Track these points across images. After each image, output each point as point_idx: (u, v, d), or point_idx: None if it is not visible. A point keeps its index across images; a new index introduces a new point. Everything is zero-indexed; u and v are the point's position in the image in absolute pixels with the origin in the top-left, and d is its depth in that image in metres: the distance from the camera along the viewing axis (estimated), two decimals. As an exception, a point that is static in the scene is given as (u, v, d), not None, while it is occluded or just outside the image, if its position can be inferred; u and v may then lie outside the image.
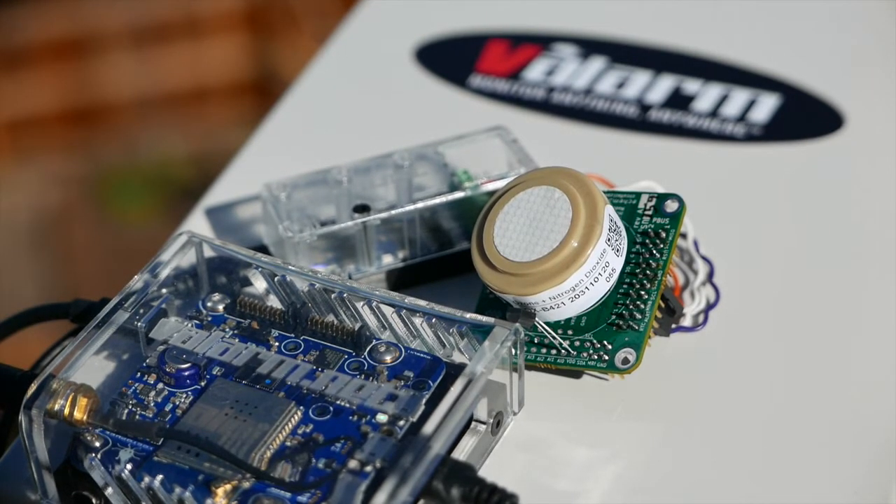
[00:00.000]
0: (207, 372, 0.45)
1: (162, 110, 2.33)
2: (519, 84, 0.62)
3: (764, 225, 0.54)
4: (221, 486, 0.41)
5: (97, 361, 0.45)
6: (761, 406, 0.47)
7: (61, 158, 2.29)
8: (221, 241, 0.49)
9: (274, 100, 0.63)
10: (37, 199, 2.20)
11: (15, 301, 0.56)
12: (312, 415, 0.43)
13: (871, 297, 0.51)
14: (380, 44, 0.65)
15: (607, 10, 0.66)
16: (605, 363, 0.46)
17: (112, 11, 2.30)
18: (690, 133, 0.59)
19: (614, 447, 0.46)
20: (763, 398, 0.47)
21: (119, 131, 2.34)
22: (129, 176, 2.26)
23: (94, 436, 0.43)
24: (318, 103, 0.62)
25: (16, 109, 2.27)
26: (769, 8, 0.67)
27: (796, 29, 0.65)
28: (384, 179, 0.52)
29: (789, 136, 0.58)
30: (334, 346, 0.45)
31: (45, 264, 2.12)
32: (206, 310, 0.47)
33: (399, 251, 0.51)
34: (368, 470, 0.41)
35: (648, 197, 0.49)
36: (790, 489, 0.44)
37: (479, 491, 0.41)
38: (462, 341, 0.45)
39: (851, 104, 0.60)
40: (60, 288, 1.97)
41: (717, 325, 0.49)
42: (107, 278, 1.97)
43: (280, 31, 2.39)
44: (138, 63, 2.35)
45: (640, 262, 0.47)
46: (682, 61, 0.63)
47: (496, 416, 0.45)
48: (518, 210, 0.47)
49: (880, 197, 0.55)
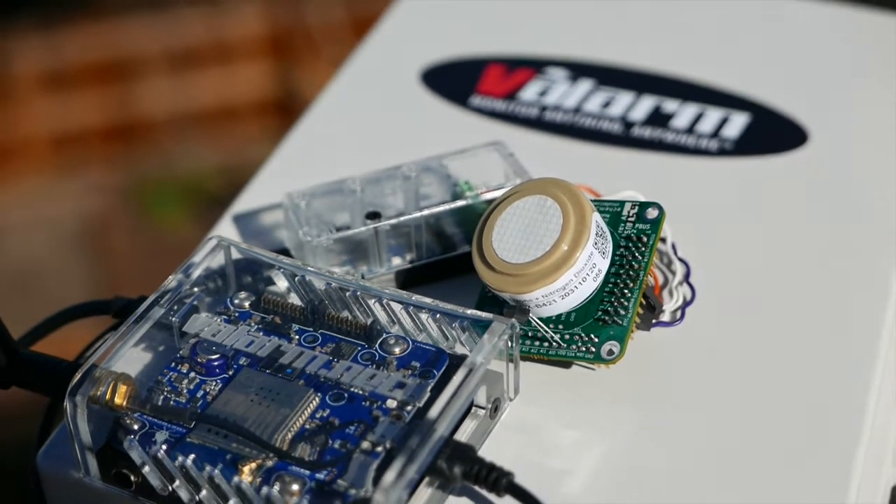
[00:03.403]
0: (234, 362, 0.45)
1: (194, 127, 2.33)
2: (515, 104, 0.62)
3: (735, 231, 0.54)
4: (247, 464, 0.41)
5: (135, 353, 0.45)
6: (732, 393, 0.47)
7: (103, 170, 2.28)
8: (247, 244, 0.49)
9: (295, 118, 0.63)
10: (81, 206, 2.20)
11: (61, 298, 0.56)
12: (329, 401, 0.43)
13: (830, 294, 0.51)
14: (389, 67, 0.65)
15: (594, 38, 0.66)
16: (592, 355, 0.46)
17: (149, 36, 2.30)
18: (669, 148, 0.59)
19: (600, 430, 0.46)
20: (733, 386, 0.47)
21: (155, 145, 2.34)
22: (164, 186, 2.26)
23: (133, 420, 0.43)
24: (334, 121, 0.62)
25: (62, 125, 2.27)
26: (740, 35, 0.67)
27: (765, 54, 0.65)
28: (394, 189, 0.52)
29: (758, 150, 0.58)
30: (349, 339, 0.46)
31: (89, 265, 2.12)
32: (233, 306, 0.47)
33: (407, 254, 0.52)
34: (379, 450, 0.41)
35: (631, 205, 0.49)
36: (757, 466, 0.44)
37: (479, 469, 0.41)
38: (463, 335, 0.45)
39: (815, 122, 0.60)
40: (102, 287, 1.97)
41: (693, 320, 0.49)
42: (144, 278, 1.96)
43: (301, 56, 2.38)
44: (173, 83, 2.35)
45: (624, 264, 0.47)
46: (661, 83, 0.63)
47: (494, 402, 0.45)
48: (514, 217, 0.47)
49: (840, 206, 0.55)
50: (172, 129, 2.34)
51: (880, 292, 0.51)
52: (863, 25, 0.67)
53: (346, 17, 2.37)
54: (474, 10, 0.70)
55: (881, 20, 0.67)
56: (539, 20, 0.68)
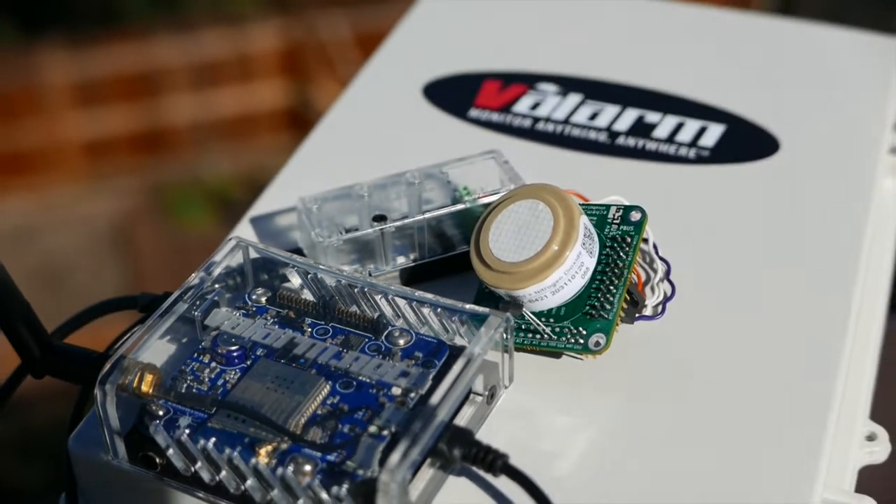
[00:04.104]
0: (252, 353, 0.45)
1: (215, 137, 2.33)
2: (509, 116, 0.62)
3: (712, 232, 0.54)
4: (264, 447, 0.41)
5: (161, 344, 0.45)
6: (709, 380, 0.47)
7: (131, 176, 2.28)
8: (264, 244, 0.49)
9: (308, 128, 0.63)
10: (111, 210, 2.20)
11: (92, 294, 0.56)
12: (339, 388, 0.43)
13: (798, 289, 0.51)
14: (394, 82, 0.65)
15: (582, 56, 0.66)
16: (580, 346, 0.46)
17: (174, 53, 2.30)
18: (651, 156, 0.59)
19: (587, 415, 0.45)
20: (710, 374, 0.47)
21: (179, 154, 2.34)
22: (187, 191, 2.26)
23: (158, 406, 0.43)
24: (344, 131, 0.62)
25: (93, 135, 2.27)
26: (717, 53, 0.67)
27: (739, 70, 0.65)
28: (398, 194, 0.52)
29: (733, 158, 0.58)
30: (357, 331, 0.45)
31: (118, 264, 2.12)
32: (251, 302, 0.47)
33: (410, 253, 0.51)
34: (385, 434, 0.41)
35: (616, 208, 0.49)
36: (732, 448, 0.44)
37: (477, 451, 0.41)
38: (462, 328, 0.45)
39: (785, 132, 0.60)
40: (130, 283, 1.97)
41: (673, 314, 0.49)
42: (169, 275, 1.97)
43: (314, 72, 2.38)
44: (196, 97, 2.35)
45: (610, 263, 0.47)
46: (643, 97, 0.63)
47: (490, 390, 0.45)
48: (509, 219, 0.47)
49: (807, 208, 0.55)
50: (195, 139, 2.34)
51: (844, 286, 0.51)
52: (829, 43, 0.67)
53: (355, 37, 2.37)
54: (472, 30, 0.70)
55: (846, 37, 0.68)
56: (531, 40, 0.68)
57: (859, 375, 0.52)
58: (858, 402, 0.51)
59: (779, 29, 0.69)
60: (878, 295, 0.58)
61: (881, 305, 0.57)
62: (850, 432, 0.49)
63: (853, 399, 0.51)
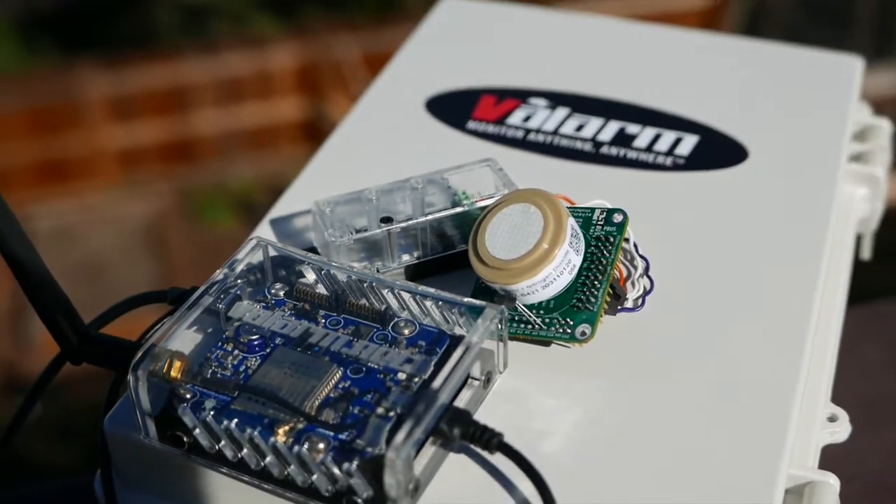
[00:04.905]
0: (271, 342, 0.45)
1: (238, 147, 2.33)
2: (504, 127, 0.62)
3: (687, 232, 0.54)
4: (281, 427, 0.41)
5: (188, 334, 0.45)
6: (684, 367, 0.47)
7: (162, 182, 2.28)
8: (282, 244, 0.49)
9: (322, 139, 0.63)
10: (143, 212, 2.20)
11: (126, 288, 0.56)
12: (349, 374, 0.43)
13: (765, 283, 0.50)
14: (399, 98, 0.65)
15: (569, 74, 0.66)
16: (568, 335, 0.46)
17: (202, 71, 2.30)
18: (631, 164, 0.58)
19: (574, 398, 0.45)
20: (685, 361, 0.47)
21: (206, 162, 2.34)
22: (213, 195, 2.27)
23: (186, 390, 0.43)
24: (354, 142, 0.62)
25: (128, 145, 2.27)
26: (691, 71, 0.67)
27: (712, 86, 0.65)
28: (403, 198, 0.52)
29: (705, 166, 0.58)
30: (366, 322, 0.45)
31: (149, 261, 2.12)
32: (270, 295, 0.47)
33: (414, 251, 0.51)
34: (391, 415, 0.40)
35: (600, 211, 0.48)
36: (703, 429, 0.44)
37: (474, 430, 0.41)
38: (461, 319, 0.45)
39: (753, 142, 0.60)
40: (160, 279, 1.98)
41: (651, 307, 0.49)
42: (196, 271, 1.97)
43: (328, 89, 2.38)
44: (221, 111, 2.35)
45: (594, 260, 0.47)
46: (625, 110, 0.63)
47: (486, 375, 0.45)
48: (503, 221, 0.47)
49: (773, 211, 0.55)
50: (220, 149, 2.34)
51: (808, 282, 0.50)
52: (792, 61, 0.67)
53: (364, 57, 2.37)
54: (470, 51, 0.70)
55: (808, 56, 0.67)
56: (523, 60, 0.68)
57: (821, 363, 0.52)
58: (820, 387, 0.51)
59: (747, 49, 0.69)
60: (838, 290, 0.57)
61: (841, 299, 0.57)
62: (812, 414, 0.49)
63: (815, 384, 0.51)
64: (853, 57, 0.68)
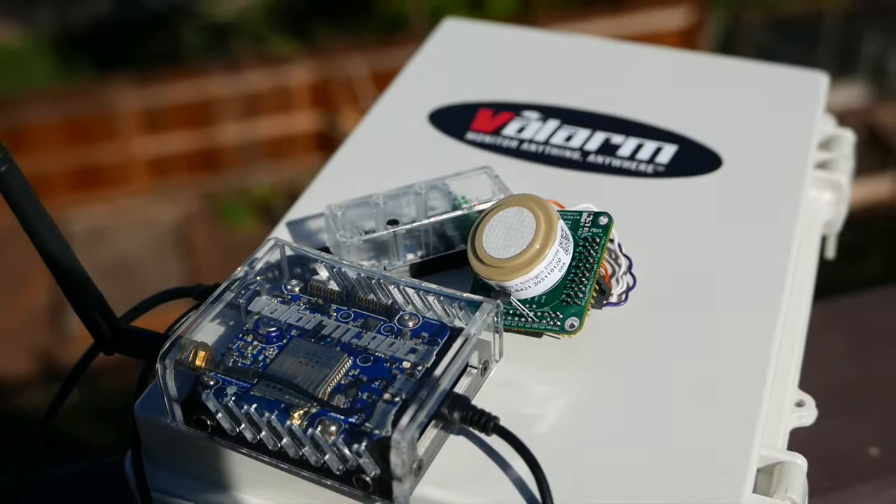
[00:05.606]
0: (287, 333, 0.45)
1: (258, 156, 2.33)
2: (499, 138, 0.61)
3: (666, 233, 0.54)
4: (297, 411, 0.41)
5: (212, 326, 0.45)
6: (663, 356, 0.46)
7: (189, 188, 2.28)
8: (298, 244, 0.49)
9: (334, 149, 0.62)
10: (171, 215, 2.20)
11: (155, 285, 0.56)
12: (359, 363, 0.43)
13: (737, 280, 0.50)
14: (404, 111, 0.65)
15: (559, 89, 0.66)
16: (558, 328, 0.46)
17: (225, 87, 2.30)
18: (616, 171, 0.58)
19: (564, 385, 0.45)
20: (664, 350, 0.47)
21: (229, 170, 2.34)
22: (236, 200, 2.26)
23: (209, 378, 0.43)
24: (363, 151, 0.62)
25: (157, 154, 2.27)
26: (671, 86, 0.67)
27: (689, 100, 0.65)
28: (408, 202, 0.52)
29: (683, 172, 0.58)
30: (374, 315, 0.45)
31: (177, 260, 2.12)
32: (286, 291, 0.47)
33: (418, 251, 0.51)
34: (397, 400, 0.40)
35: (587, 214, 0.48)
36: (679, 413, 0.44)
37: (472, 414, 0.41)
38: (461, 312, 0.45)
39: (727, 151, 0.60)
40: (187, 276, 1.98)
41: (634, 301, 0.49)
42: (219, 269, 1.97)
43: (340, 104, 2.38)
44: (242, 123, 2.35)
45: (582, 259, 0.47)
46: (610, 122, 0.62)
47: (484, 364, 0.45)
48: (499, 223, 0.47)
49: (745, 214, 0.55)
50: (242, 158, 2.34)
51: (777, 278, 0.50)
52: (763, 77, 0.67)
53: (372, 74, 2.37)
54: (469, 68, 0.70)
55: (777, 72, 0.67)
56: (517, 76, 0.68)
57: (789, 352, 0.52)
58: (789, 375, 0.51)
59: (721, 65, 0.69)
60: (805, 285, 0.57)
61: (807, 294, 0.57)
62: (782, 400, 0.49)
63: (784, 372, 0.51)
64: (819, 73, 0.67)
